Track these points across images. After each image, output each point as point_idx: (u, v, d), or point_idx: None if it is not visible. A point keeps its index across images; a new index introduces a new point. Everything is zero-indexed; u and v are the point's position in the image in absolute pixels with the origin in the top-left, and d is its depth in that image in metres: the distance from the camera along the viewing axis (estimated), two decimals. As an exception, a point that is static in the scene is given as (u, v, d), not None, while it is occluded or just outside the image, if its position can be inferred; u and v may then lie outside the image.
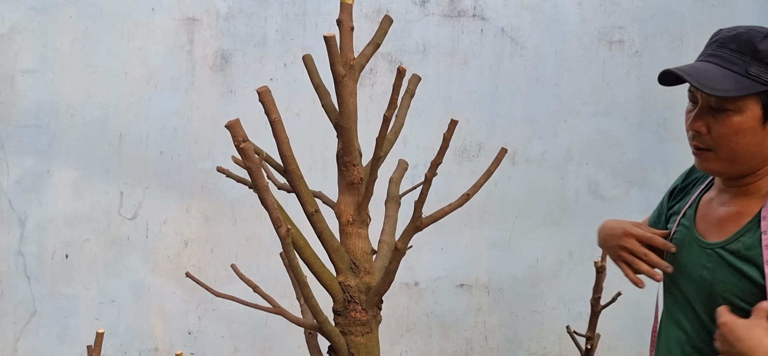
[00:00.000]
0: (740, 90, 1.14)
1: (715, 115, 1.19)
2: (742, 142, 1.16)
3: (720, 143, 1.18)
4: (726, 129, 1.17)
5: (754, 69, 1.14)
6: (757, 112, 1.15)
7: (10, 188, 3.40)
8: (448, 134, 1.63)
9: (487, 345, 3.24)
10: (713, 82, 1.16)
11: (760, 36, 1.16)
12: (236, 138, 1.54)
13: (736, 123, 1.16)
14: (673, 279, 1.33)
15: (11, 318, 3.40)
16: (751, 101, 1.15)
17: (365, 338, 1.61)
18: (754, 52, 1.15)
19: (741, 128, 1.16)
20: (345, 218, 1.62)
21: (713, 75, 1.17)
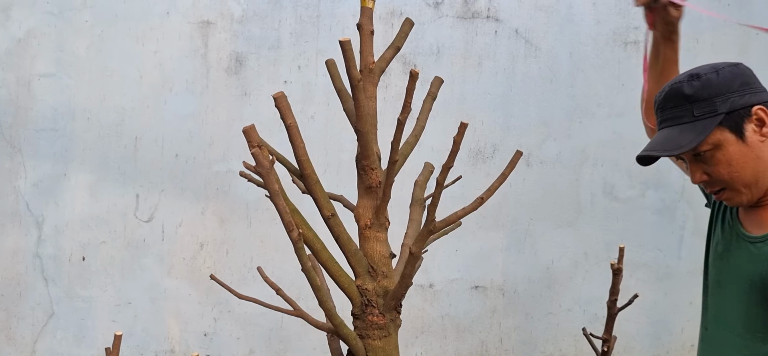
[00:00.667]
0: (701, 134, 1.21)
1: (704, 161, 1.25)
2: (741, 166, 1.22)
3: (725, 180, 1.24)
4: (720, 167, 1.24)
5: (697, 110, 1.22)
6: (729, 136, 1.22)
7: (27, 191, 3.43)
8: (458, 137, 1.62)
9: (502, 347, 3.23)
10: (677, 143, 1.23)
11: (684, 83, 1.25)
12: (251, 143, 1.55)
13: (722, 156, 1.23)
14: (720, 280, 1.34)
15: (29, 319, 3.43)
16: (717, 133, 1.22)
17: (383, 342, 1.61)
18: (686, 98, 1.23)
19: (729, 159, 1.22)
20: (363, 221, 1.62)
21: (673, 137, 1.24)
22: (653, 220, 3.19)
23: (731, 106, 1.22)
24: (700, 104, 1.23)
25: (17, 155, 3.46)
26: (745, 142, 1.22)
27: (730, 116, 1.21)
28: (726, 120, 1.21)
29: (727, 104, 1.22)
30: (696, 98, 1.24)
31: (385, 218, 1.63)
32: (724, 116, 1.21)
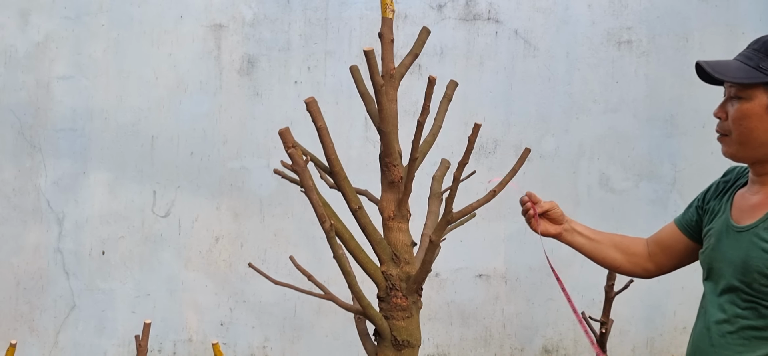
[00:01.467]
0: (748, 78, 1.30)
1: (732, 103, 1.35)
2: (751, 126, 1.32)
3: (733, 127, 1.35)
4: (737, 114, 1.33)
5: (765, 64, 1.30)
6: (764, 100, 1.30)
7: (48, 189, 3.57)
8: (473, 136, 1.80)
9: (505, 332, 3.41)
10: (727, 71, 1.33)
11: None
12: (286, 144, 1.71)
13: (745, 109, 1.32)
14: (713, 267, 1.45)
15: (51, 312, 3.58)
16: (759, 91, 1.30)
17: (406, 322, 1.78)
18: (766, 49, 1.31)
19: (749, 113, 1.31)
20: (387, 213, 1.79)
21: (730, 66, 1.34)
22: (646, 210, 3.38)
23: None
24: (766, 63, 1.30)
25: (37, 155, 3.59)
26: None
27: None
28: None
29: None
30: (765, 52, 1.30)
31: (407, 210, 1.80)
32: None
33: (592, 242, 1.62)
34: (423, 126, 1.72)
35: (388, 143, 1.78)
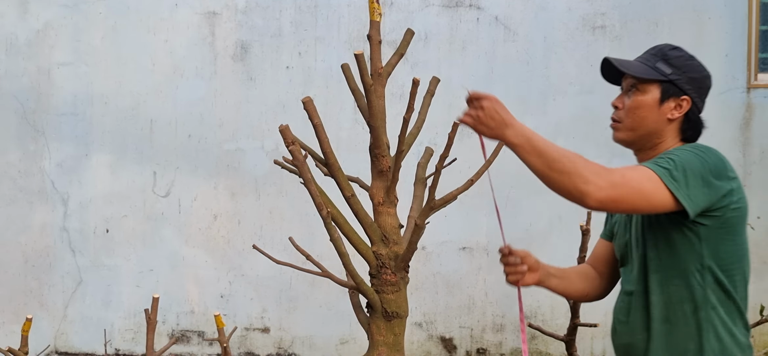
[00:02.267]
0: (645, 74, 1.53)
1: (629, 95, 1.57)
2: (642, 115, 1.54)
3: (627, 115, 1.56)
4: (632, 104, 1.55)
5: (660, 65, 1.53)
6: (656, 95, 1.53)
7: (52, 171, 3.75)
8: (452, 134, 2.01)
9: (487, 300, 3.66)
10: (630, 67, 1.57)
11: (670, 47, 1.58)
12: (286, 141, 1.90)
13: (639, 100, 1.54)
14: (623, 253, 1.63)
15: (59, 287, 3.78)
16: (653, 87, 1.53)
17: (395, 295, 2.00)
18: (663, 55, 1.56)
19: (642, 104, 1.54)
20: (377, 199, 2.00)
21: (632, 64, 1.58)
22: (618, 185, 3.61)
23: (674, 81, 1.52)
24: (663, 63, 1.53)
25: (41, 138, 3.76)
26: (659, 108, 1.52)
27: (668, 85, 1.51)
28: (665, 84, 1.51)
29: (675, 77, 1.52)
30: (664, 57, 1.54)
31: (395, 196, 2.01)
32: (666, 81, 1.51)
33: (564, 281, 1.78)
34: (408, 122, 1.92)
35: (377, 136, 1.99)
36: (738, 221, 1.47)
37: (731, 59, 3.47)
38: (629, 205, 1.43)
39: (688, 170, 1.42)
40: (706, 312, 1.45)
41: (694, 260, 1.46)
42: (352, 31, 3.65)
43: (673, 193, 1.40)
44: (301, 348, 3.72)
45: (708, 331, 1.46)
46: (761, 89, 3.48)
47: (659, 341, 1.50)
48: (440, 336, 3.68)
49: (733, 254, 1.46)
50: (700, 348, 1.46)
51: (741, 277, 1.48)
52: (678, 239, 1.46)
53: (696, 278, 1.46)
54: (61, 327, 3.78)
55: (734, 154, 3.50)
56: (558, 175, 1.40)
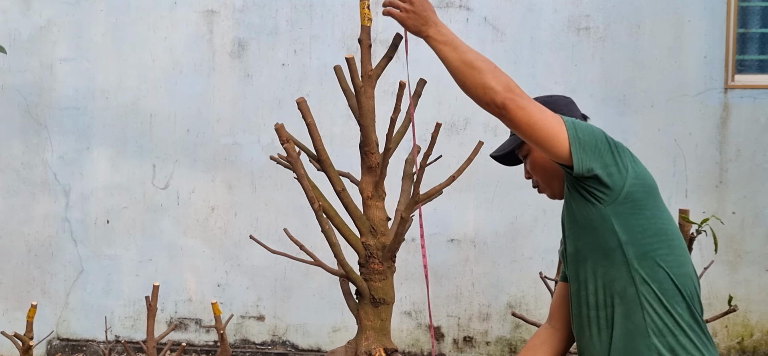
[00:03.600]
0: (513, 142, 1.62)
1: (526, 162, 1.65)
2: (543, 168, 1.59)
3: (538, 178, 1.63)
4: (532, 169, 1.63)
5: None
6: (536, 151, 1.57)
7: (54, 163, 3.87)
8: (434, 134, 2.14)
9: (473, 290, 3.81)
10: (503, 146, 1.67)
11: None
12: (281, 139, 2.03)
13: (532, 161, 1.61)
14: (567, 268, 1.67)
15: (61, 276, 3.90)
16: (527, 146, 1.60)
17: (382, 283, 2.14)
18: None
19: (534, 161, 1.60)
20: (366, 193, 2.13)
21: (503, 144, 1.68)
22: (601, 180, 3.75)
23: None
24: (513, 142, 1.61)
25: (43, 132, 3.88)
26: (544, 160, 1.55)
27: None
28: None
29: None
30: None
31: (383, 190, 2.14)
32: None
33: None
34: (395, 122, 2.05)
35: (367, 135, 2.12)
36: (644, 195, 1.46)
37: (710, 61, 3.61)
38: (526, 125, 1.43)
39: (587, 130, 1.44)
40: (634, 291, 1.44)
41: (607, 239, 1.45)
42: (345, 30, 3.77)
43: (570, 146, 1.42)
44: (294, 335, 3.86)
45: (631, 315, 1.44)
46: (738, 89, 3.62)
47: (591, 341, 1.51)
48: (428, 324, 3.83)
49: (649, 228, 1.44)
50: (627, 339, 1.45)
51: (669, 250, 1.45)
52: (596, 221, 1.46)
53: (613, 259, 1.45)
54: (63, 314, 3.91)
55: (711, 152, 3.65)
56: (471, 70, 1.47)
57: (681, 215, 2.61)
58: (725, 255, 3.65)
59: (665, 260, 1.44)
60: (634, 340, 1.44)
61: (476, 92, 1.47)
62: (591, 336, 1.51)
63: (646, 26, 3.64)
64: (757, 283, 3.68)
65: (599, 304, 1.49)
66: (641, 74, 3.65)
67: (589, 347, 1.52)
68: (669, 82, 3.64)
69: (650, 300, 1.43)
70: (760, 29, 3.70)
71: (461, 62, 1.48)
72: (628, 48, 3.64)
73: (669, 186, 3.66)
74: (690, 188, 3.66)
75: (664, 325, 1.43)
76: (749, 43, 3.70)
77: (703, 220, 2.52)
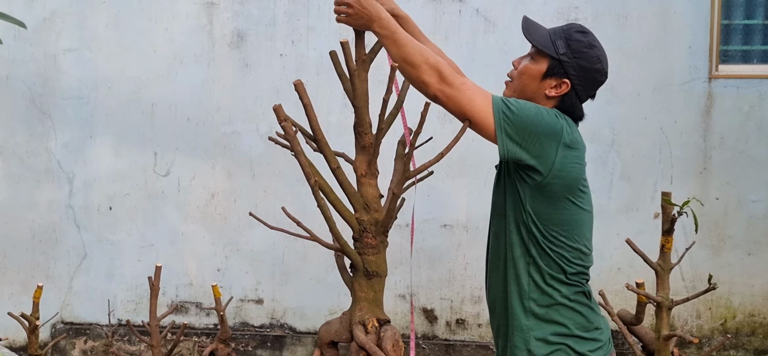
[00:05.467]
0: (541, 44, 1.64)
1: (526, 59, 1.70)
2: (524, 82, 1.66)
3: (516, 76, 1.70)
4: (522, 68, 1.68)
5: (559, 42, 1.63)
6: (542, 68, 1.63)
7: (58, 151, 3.97)
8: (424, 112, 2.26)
9: (466, 273, 3.92)
10: (532, 32, 1.68)
11: (578, 30, 1.67)
12: (279, 117, 2.15)
13: (527, 67, 1.67)
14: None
15: (65, 261, 4.01)
16: (543, 59, 1.63)
17: (375, 257, 2.25)
18: (567, 35, 1.65)
19: (527, 71, 1.66)
20: (360, 171, 2.25)
21: (538, 31, 1.68)
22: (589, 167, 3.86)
23: (563, 62, 1.60)
24: (563, 41, 1.62)
25: (47, 120, 3.98)
26: (541, 81, 1.63)
27: (556, 63, 1.60)
28: (553, 61, 1.61)
29: (564, 57, 1.60)
30: (567, 37, 1.62)
31: (376, 168, 2.25)
32: (555, 59, 1.61)
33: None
34: (387, 103, 2.16)
35: (360, 116, 2.23)
36: (560, 190, 1.58)
37: (694, 51, 3.72)
38: (457, 107, 1.58)
39: (521, 117, 1.52)
40: (525, 261, 1.61)
41: (520, 211, 1.60)
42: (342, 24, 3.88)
43: (495, 132, 1.53)
44: (292, 318, 3.98)
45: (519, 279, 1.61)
46: (722, 79, 3.74)
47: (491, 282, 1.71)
48: (422, 307, 3.95)
49: (553, 219, 1.59)
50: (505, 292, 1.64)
51: (566, 239, 1.60)
52: (517, 189, 1.61)
53: (520, 228, 1.61)
54: (67, 298, 4.02)
55: (696, 140, 3.77)
56: (409, 67, 1.61)
57: (663, 198, 2.74)
58: (709, 239, 3.77)
59: (559, 246, 1.61)
60: (514, 300, 1.64)
61: (415, 84, 1.64)
62: (492, 279, 1.72)
63: (632, 17, 3.76)
64: (739, 267, 3.80)
65: (500, 257, 1.68)
66: (628, 64, 3.77)
67: (491, 286, 1.73)
68: (655, 71, 3.76)
69: (533, 275, 1.62)
70: (744, 20, 3.82)
71: (401, 60, 1.63)
72: (615, 39, 3.75)
73: (655, 172, 3.78)
74: (675, 175, 3.77)
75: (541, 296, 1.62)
76: (733, 34, 3.82)
77: (684, 202, 2.64)
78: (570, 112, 1.66)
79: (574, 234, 1.63)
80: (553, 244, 1.60)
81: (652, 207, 3.79)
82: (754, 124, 3.74)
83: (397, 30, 1.64)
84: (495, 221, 1.73)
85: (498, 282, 1.69)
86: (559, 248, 1.61)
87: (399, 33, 1.63)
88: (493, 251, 1.72)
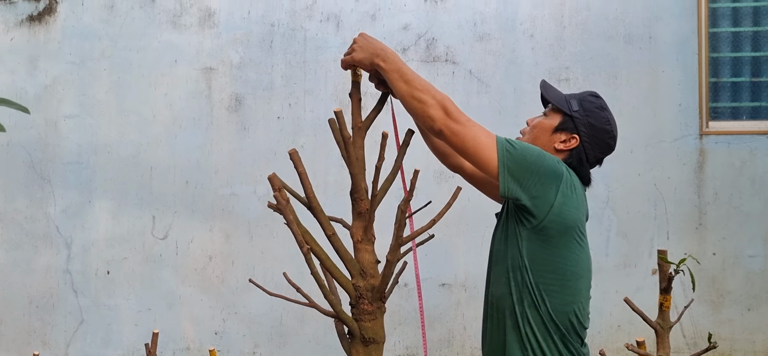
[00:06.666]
0: (556, 101, 1.73)
1: (541, 116, 1.78)
2: (536, 134, 1.74)
3: (529, 130, 1.77)
4: (535, 122, 1.77)
5: (572, 102, 1.73)
6: (554, 123, 1.72)
7: (57, 216, 3.99)
8: (414, 180, 2.29)
9: (465, 333, 3.90)
10: (549, 91, 1.76)
11: (593, 94, 1.76)
12: (274, 187, 2.17)
13: (541, 121, 1.76)
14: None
15: (61, 327, 3.99)
16: (557, 115, 1.72)
17: (372, 323, 2.25)
18: (582, 97, 1.75)
19: (540, 125, 1.75)
20: (356, 237, 2.26)
21: (554, 91, 1.78)
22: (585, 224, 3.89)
23: (575, 119, 1.70)
24: (576, 102, 1.72)
25: (47, 186, 4.01)
26: (552, 134, 1.71)
27: (567, 119, 1.70)
28: (565, 117, 1.70)
29: (576, 115, 1.69)
30: (581, 99, 1.72)
31: (372, 234, 2.27)
32: (567, 116, 1.70)
33: None
34: (380, 170, 2.20)
35: (356, 183, 2.26)
36: (557, 233, 1.59)
37: (684, 109, 3.79)
38: (461, 142, 1.62)
39: (524, 156, 1.56)
40: (520, 310, 1.60)
41: (516, 256, 1.61)
42: (338, 85, 3.96)
43: (498, 170, 1.56)
44: (290, 381, 3.93)
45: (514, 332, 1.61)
46: (713, 135, 3.80)
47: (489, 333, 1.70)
48: (422, 368, 3.91)
49: (549, 264, 1.59)
50: (504, 343, 1.62)
51: (559, 289, 1.60)
52: (515, 232, 1.62)
53: (515, 275, 1.61)
54: (63, 364, 3.98)
55: (690, 195, 3.80)
56: (415, 102, 1.67)
57: (659, 256, 2.75)
58: (708, 295, 3.76)
59: (551, 296, 1.61)
60: (513, 351, 1.63)
61: (420, 119, 1.70)
62: (488, 328, 1.71)
63: (622, 77, 3.84)
64: (740, 323, 3.79)
65: (494, 306, 1.69)
66: (620, 121, 3.77)
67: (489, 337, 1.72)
68: (646, 128, 3.82)
69: (531, 323, 1.61)
70: (731, 78, 3.90)
71: (408, 95, 1.69)
72: (606, 97, 3.75)
73: (651, 228, 3.80)
74: (671, 231, 3.79)
75: (538, 347, 1.61)
76: (721, 91, 3.90)
77: (680, 260, 2.65)
78: (577, 169, 1.71)
79: (570, 287, 1.63)
80: (547, 293, 1.60)
81: (649, 263, 3.79)
82: (747, 179, 3.78)
83: (404, 65, 1.67)
84: (493, 268, 1.73)
85: (496, 331, 1.68)
86: (552, 297, 1.60)
87: (405, 68, 1.67)
88: (489, 300, 1.72)
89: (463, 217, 3.89)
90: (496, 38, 3.89)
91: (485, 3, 3.90)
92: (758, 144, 3.76)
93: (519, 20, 3.88)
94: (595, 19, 3.83)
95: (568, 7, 3.86)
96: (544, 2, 3.87)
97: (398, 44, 3.95)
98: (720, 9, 3.87)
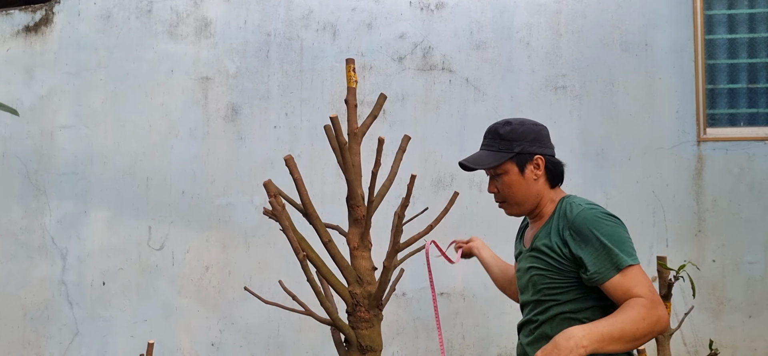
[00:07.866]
0: (496, 161, 1.79)
1: (497, 179, 1.83)
2: (516, 190, 1.80)
3: (506, 195, 1.82)
4: (504, 186, 1.81)
5: (501, 145, 1.78)
6: (514, 169, 1.78)
7: (52, 227, 3.96)
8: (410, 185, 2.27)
9: (464, 343, 3.87)
10: (482, 162, 1.81)
11: (500, 125, 1.82)
12: (269, 193, 2.15)
13: (506, 180, 1.80)
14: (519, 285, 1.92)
15: (57, 339, 3.95)
16: (509, 164, 1.78)
17: (369, 331, 2.22)
18: (500, 136, 1.80)
19: (511, 182, 1.80)
20: (353, 244, 2.24)
21: (482, 157, 1.83)
22: (584, 232, 3.87)
23: (522, 150, 1.77)
24: (504, 142, 1.77)
25: (42, 197, 3.99)
26: (524, 176, 1.79)
27: (519, 156, 1.77)
28: (516, 157, 1.77)
29: (520, 147, 1.78)
30: (502, 136, 1.78)
31: (369, 241, 2.25)
32: (515, 155, 1.77)
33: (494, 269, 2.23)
34: (376, 176, 2.18)
35: (353, 189, 2.24)
36: None
37: (682, 116, 3.78)
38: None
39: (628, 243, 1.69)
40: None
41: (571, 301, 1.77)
42: (334, 93, 3.95)
43: None
44: (288, 393, 3.89)
45: None
46: (711, 141, 3.79)
47: None
48: (420, 378, 3.87)
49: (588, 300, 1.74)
50: None
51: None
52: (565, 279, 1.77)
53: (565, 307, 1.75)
54: (58, 377, 3.94)
55: (689, 202, 3.78)
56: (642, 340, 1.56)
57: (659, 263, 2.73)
58: (708, 302, 3.74)
59: None
60: None
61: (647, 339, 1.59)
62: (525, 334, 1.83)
63: (619, 85, 3.83)
64: (741, 330, 3.76)
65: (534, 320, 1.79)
66: (617, 129, 3.82)
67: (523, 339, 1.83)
68: (644, 136, 3.81)
69: None
70: (728, 85, 3.90)
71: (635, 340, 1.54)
72: (603, 105, 3.82)
73: (650, 236, 3.78)
74: (670, 238, 3.77)
75: None
76: (718, 98, 3.89)
77: (680, 267, 2.63)
78: (557, 171, 1.80)
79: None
80: None
81: (649, 271, 3.77)
82: (745, 185, 3.76)
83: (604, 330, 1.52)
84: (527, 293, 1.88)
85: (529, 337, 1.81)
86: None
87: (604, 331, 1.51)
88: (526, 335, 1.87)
89: (460, 225, 3.87)
90: (493, 46, 3.89)
91: (481, 11, 3.90)
92: (756, 150, 3.75)
93: (515, 28, 3.88)
94: (592, 27, 3.83)
95: (565, 15, 3.86)
96: (540, 10, 3.88)
97: (394, 53, 3.95)
98: (716, 16, 3.88)
